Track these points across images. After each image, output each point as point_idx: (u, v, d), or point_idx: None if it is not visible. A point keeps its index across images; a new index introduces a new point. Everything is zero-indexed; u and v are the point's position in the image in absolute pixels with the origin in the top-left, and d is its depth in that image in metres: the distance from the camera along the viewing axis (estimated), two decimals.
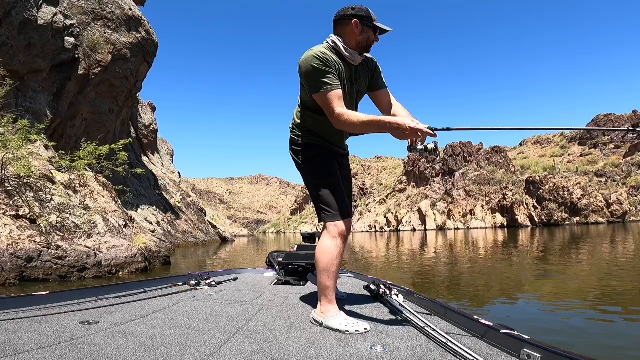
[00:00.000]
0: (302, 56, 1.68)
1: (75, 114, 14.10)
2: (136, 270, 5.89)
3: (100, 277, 5.17)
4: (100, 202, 6.72)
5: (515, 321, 2.75)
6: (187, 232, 21.49)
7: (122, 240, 5.89)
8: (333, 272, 1.68)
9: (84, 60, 14.65)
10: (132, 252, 5.84)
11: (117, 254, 5.54)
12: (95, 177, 7.40)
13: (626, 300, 3.61)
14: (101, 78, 15.35)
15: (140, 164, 21.78)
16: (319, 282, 1.72)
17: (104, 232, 5.88)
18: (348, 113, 1.63)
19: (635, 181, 32.28)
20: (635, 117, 41.49)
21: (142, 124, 29.50)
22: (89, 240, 5.47)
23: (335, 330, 1.55)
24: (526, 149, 57.07)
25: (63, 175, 6.63)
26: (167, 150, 38.18)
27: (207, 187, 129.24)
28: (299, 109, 1.85)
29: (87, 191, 6.70)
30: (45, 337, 1.27)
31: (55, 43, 13.58)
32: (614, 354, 2.16)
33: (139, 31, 18.22)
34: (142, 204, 16.74)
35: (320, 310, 1.67)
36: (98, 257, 5.24)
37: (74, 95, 13.89)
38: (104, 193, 7.12)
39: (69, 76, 13.56)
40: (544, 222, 32.42)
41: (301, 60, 1.68)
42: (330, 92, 1.62)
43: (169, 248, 12.72)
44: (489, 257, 8.79)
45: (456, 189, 43.83)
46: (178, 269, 7.54)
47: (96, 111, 15.11)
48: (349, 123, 1.63)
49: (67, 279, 4.88)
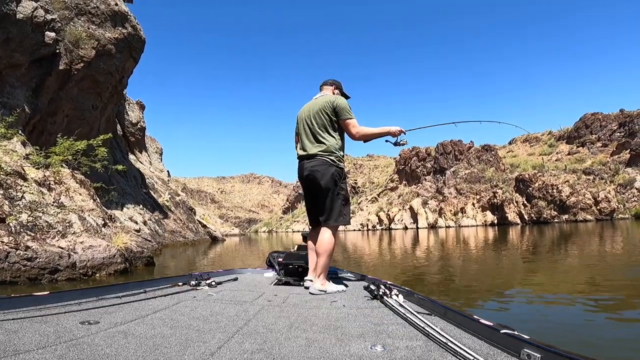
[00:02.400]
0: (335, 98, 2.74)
1: (56, 110, 13.60)
2: (115, 272, 5.58)
3: (74, 279, 4.85)
4: (76, 200, 6.38)
5: (515, 321, 2.70)
6: (175, 231, 21.06)
7: (99, 240, 5.58)
8: (331, 256, 2.62)
9: (65, 56, 14.15)
10: (110, 253, 5.53)
11: (94, 255, 5.24)
12: (72, 174, 7.01)
13: (624, 297, 3.52)
14: (84, 73, 14.85)
15: (126, 162, 21.26)
16: (324, 262, 2.55)
17: (79, 232, 5.55)
18: (363, 127, 2.75)
19: (622, 179, 32.76)
20: (622, 116, 42.15)
21: (129, 122, 28.86)
22: (63, 241, 5.15)
23: (335, 292, 2.47)
24: (515, 148, 57.63)
25: (37, 172, 6.27)
26: (155, 149, 37.50)
27: (198, 186, 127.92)
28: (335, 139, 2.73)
29: (63, 189, 6.34)
30: (45, 337, 1.27)
31: (34, 37, 13.11)
32: (614, 353, 2.12)
33: (125, 27, 17.72)
34: (128, 202, 16.30)
35: (321, 283, 2.54)
36: (72, 258, 4.93)
37: (55, 90, 13.39)
38: (81, 190, 6.76)
39: (49, 71, 13.07)
40: (533, 220, 32.71)
41: (336, 100, 2.72)
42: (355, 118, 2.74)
43: (154, 248, 12.35)
44: (483, 255, 8.69)
45: (447, 187, 44.03)
46: (162, 270, 7.23)
47: (79, 107, 14.61)
48: (366, 133, 2.73)
49: (37, 281, 4.56)
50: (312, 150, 2.69)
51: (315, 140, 2.70)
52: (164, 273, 6.70)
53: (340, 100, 2.72)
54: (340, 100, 2.72)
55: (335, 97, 2.77)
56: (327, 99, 2.74)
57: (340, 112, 2.67)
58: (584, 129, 46.19)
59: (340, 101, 2.71)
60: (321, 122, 2.70)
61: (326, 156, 2.65)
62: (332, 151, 2.67)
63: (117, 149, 21.33)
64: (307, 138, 2.74)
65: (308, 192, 2.77)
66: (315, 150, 2.68)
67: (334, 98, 2.74)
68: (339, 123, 2.71)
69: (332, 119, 2.69)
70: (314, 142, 2.70)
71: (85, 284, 4.95)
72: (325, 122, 2.69)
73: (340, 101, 2.71)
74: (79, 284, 4.75)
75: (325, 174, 2.62)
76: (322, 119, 2.70)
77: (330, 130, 2.70)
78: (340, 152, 2.72)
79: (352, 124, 2.68)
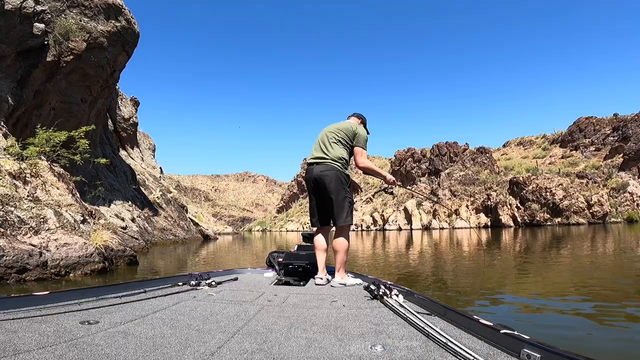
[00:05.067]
0: (358, 127, 3.17)
1: (42, 103, 13.24)
2: (92, 272, 5.31)
3: (44, 279, 4.58)
4: (53, 194, 6.07)
5: (515, 321, 2.73)
6: (166, 229, 20.71)
7: (76, 238, 5.31)
8: (347, 252, 2.96)
9: (54, 47, 13.79)
10: (87, 251, 5.26)
11: (68, 253, 4.97)
12: (50, 167, 6.70)
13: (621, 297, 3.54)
14: (73, 66, 14.50)
15: (116, 157, 20.87)
16: (341, 258, 2.90)
17: (54, 228, 5.27)
18: (369, 161, 3.13)
19: (615, 183, 32.94)
20: (616, 120, 42.45)
21: (121, 117, 28.40)
22: (36, 238, 4.88)
23: (353, 285, 2.75)
24: (509, 150, 57.84)
25: (13, 164, 5.96)
26: (148, 145, 37.01)
27: (192, 183, 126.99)
28: (344, 153, 3.08)
29: (39, 182, 6.03)
30: (45, 337, 1.27)
31: (22, 29, 12.77)
32: (614, 353, 2.11)
33: (119, 20, 17.37)
34: (116, 199, 15.94)
35: (341, 277, 2.87)
36: (44, 257, 4.66)
37: (41, 83, 13.02)
38: (59, 184, 6.45)
39: (35, 63, 12.71)
40: (526, 223, 32.78)
41: (358, 129, 3.14)
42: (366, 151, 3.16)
43: (141, 246, 12.03)
44: (478, 256, 8.54)
45: (442, 188, 44.03)
46: (147, 270, 6.96)
47: (67, 100, 14.24)
48: (368, 166, 3.14)
49: (3, 281, 4.29)
50: (321, 156, 3.04)
51: (327, 149, 3.05)
52: (148, 273, 6.43)
53: (361, 130, 3.14)
54: (361, 130, 3.14)
55: (358, 126, 3.19)
56: (352, 124, 3.17)
57: (357, 139, 3.08)
58: (577, 133, 46.45)
59: (361, 131, 3.14)
60: (338, 138, 3.07)
61: (334, 163, 2.99)
62: (339, 159, 3.01)
63: (107, 144, 20.94)
64: (321, 148, 3.09)
65: (317, 195, 3.03)
66: (325, 156, 3.02)
67: (357, 127, 3.15)
68: (352, 148, 3.10)
69: (347, 141, 3.08)
70: (326, 151, 3.04)
71: (57, 284, 4.68)
72: (341, 139, 3.07)
73: (361, 131, 3.14)
74: (50, 285, 4.49)
75: (333, 178, 2.92)
76: (339, 137, 3.07)
77: (341, 147, 3.06)
78: (346, 163, 3.07)
79: (362, 153, 3.09)
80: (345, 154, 3.07)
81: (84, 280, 4.92)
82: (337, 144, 3.06)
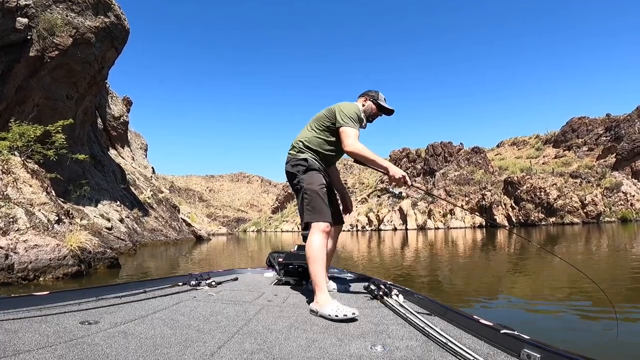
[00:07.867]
0: (343, 104, 2.33)
1: (25, 99, 12.79)
2: (65, 276, 4.95)
3: (9, 284, 4.22)
4: (25, 193, 5.70)
5: (515, 321, 2.65)
6: (156, 230, 20.27)
7: (48, 239, 4.96)
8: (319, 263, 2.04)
9: (37, 42, 13.34)
10: (60, 253, 4.91)
11: (38, 255, 4.61)
12: (23, 163, 6.32)
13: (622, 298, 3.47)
14: (59, 62, 14.06)
15: (105, 156, 20.40)
16: (312, 271, 2.03)
17: (24, 229, 4.92)
18: (361, 144, 2.25)
19: (609, 182, 33.06)
20: (609, 120, 42.68)
21: (111, 115, 27.86)
22: (3, 239, 4.52)
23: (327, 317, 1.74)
24: (503, 150, 58.03)
25: None
26: (140, 144, 36.46)
27: (186, 184, 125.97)
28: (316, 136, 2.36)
29: (10, 179, 5.66)
30: (45, 337, 1.27)
31: (4, 23, 12.35)
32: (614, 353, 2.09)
33: (108, 15, 16.97)
34: (104, 198, 15.49)
35: (316, 301, 1.92)
36: (10, 259, 4.30)
37: (24, 78, 12.58)
38: (32, 182, 6.08)
39: (17, 58, 12.27)
40: (521, 222, 32.79)
41: (340, 105, 2.33)
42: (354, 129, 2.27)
43: (128, 247, 11.63)
44: (475, 256, 8.32)
45: (437, 188, 43.97)
46: (128, 274, 6.59)
47: (51, 97, 13.79)
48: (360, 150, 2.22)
49: None
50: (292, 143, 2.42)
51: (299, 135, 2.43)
52: (129, 277, 6.06)
53: (344, 105, 2.31)
54: (344, 105, 2.31)
55: (345, 103, 2.36)
56: (339, 104, 2.36)
57: (340, 117, 2.24)
58: (570, 133, 46.66)
59: (343, 106, 2.30)
60: (314, 122, 2.41)
61: (290, 150, 2.38)
62: (297, 143, 2.37)
63: (95, 142, 20.45)
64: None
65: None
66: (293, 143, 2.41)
67: (342, 104, 2.35)
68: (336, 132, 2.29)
69: (325, 122, 2.34)
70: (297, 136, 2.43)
71: (25, 289, 4.32)
72: (316, 122, 2.39)
73: (343, 106, 2.30)
74: (15, 290, 4.13)
75: (288, 169, 2.35)
76: (316, 120, 2.40)
77: (311, 130, 2.38)
78: (308, 145, 2.34)
79: (347, 133, 2.22)
80: (311, 135, 2.36)
81: (55, 284, 4.58)
82: (306, 129, 2.42)
